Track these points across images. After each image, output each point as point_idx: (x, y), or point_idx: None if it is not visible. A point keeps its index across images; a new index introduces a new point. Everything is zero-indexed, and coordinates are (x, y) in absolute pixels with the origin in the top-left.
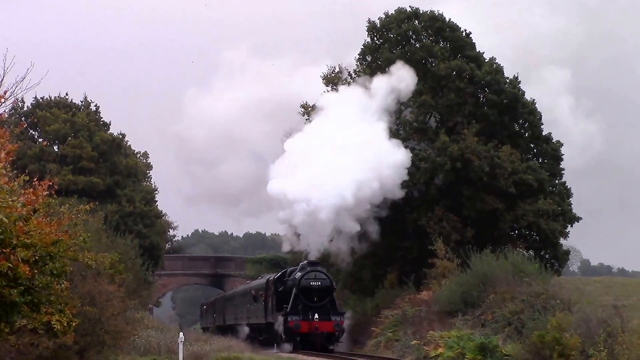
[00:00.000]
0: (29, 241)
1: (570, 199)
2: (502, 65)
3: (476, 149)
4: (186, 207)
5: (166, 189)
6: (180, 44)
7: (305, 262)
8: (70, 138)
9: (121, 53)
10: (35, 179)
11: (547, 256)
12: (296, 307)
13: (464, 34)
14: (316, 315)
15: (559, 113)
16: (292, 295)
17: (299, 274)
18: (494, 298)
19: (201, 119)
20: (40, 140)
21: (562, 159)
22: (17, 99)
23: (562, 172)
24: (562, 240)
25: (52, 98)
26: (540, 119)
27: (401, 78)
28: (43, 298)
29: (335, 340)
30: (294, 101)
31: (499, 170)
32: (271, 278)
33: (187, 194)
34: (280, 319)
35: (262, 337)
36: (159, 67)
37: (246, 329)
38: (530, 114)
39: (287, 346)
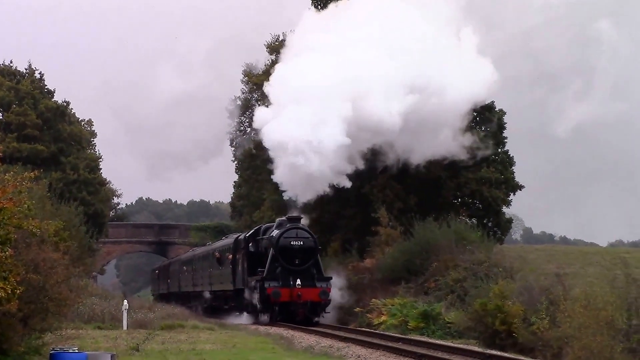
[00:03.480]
0: None
1: (513, 167)
2: None
3: None
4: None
5: (110, 156)
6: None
7: (283, 217)
8: (14, 105)
9: (68, 19)
10: None
11: (489, 224)
12: (274, 271)
13: None
14: (298, 281)
15: None
16: (269, 256)
17: (276, 232)
18: (437, 266)
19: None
20: None
21: (505, 128)
22: None
23: (505, 140)
24: (504, 209)
25: None
26: None
27: None
28: None
29: (321, 311)
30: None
31: None
32: (241, 237)
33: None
34: (255, 285)
35: (229, 305)
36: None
37: (207, 296)
38: None
39: (264, 317)
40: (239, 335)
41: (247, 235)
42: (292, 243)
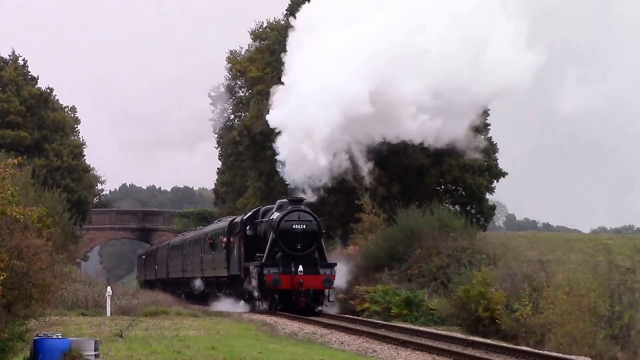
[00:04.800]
0: None
1: (497, 155)
2: None
3: None
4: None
5: (95, 142)
6: None
7: (284, 199)
8: None
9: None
10: None
11: (472, 211)
12: (274, 257)
13: None
14: (300, 268)
15: None
16: (269, 241)
17: (277, 214)
18: (420, 253)
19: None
20: None
21: (488, 114)
22: None
23: (489, 127)
24: (487, 195)
25: None
26: None
27: None
28: None
29: (324, 299)
30: None
31: None
32: (237, 219)
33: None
34: (253, 271)
35: (223, 292)
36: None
37: (199, 283)
38: None
39: (262, 306)
40: (223, 322)
41: (244, 217)
42: (294, 227)
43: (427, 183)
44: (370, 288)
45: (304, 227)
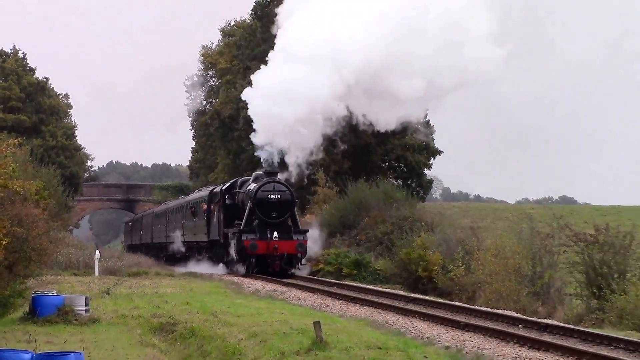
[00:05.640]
0: None
1: (433, 135)
2: None
3: None
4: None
5: (85, 123)
6: None
7: (260, 171)
8: (0, 81)
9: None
10: None
11: (413, 185)
12: (251, 224)
13: None
14: (275, 234)
15: None
16: (247, 209)
17: (253, 185)
18: (368, 221)
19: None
20: None
21: None
22: None
23: (427, 111)
24: (426, 171)
25: None
26: None
27: None
28: None
29: (297, 262)
30: None
31: None
32: (216, 189)
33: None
34: (232, 237)
35: (204, 256)
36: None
37: (181, 247)
38: None
39: (240, 269)
40: (196, 281)
41: (223, 188)
42: (269, 196)
43: (374, 160)
44: (324, 251)
45: (279, 196)
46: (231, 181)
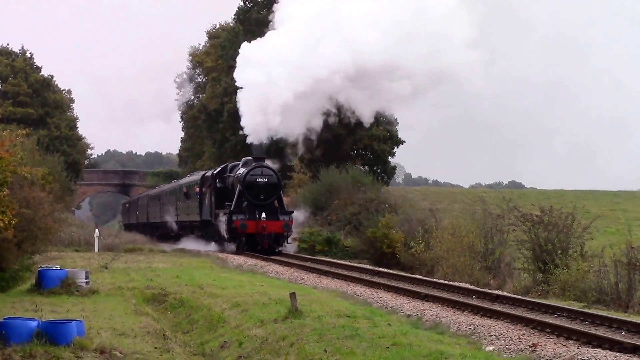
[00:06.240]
0: None
1: (397, 127)
2: None
3: None
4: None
5: (87, 116)
6: None
7: (248, 157)
8: (10, 78)
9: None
10: None
11: (378, 171)
12: (240, 205)
13: None
14: (263, 215)
15: None
16: (237, 192)
17: (242, 170)
18: (338, 203)
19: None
20: None
21: None
22: None
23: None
24: (390, 159)
25: None
26: None
27: None
28: None
29: (283, 241)
30: None
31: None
32: (208, 173)
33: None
34: (223, 217)
35: (196, 235)
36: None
37: (174, 226)
38: None
39: (231, 247)
40: (185, 257)
41: (214, 172)
42: (257, 180)
43: (344, 149)
44: (298, 230)
45: (266, 180)
46: (222, 166)
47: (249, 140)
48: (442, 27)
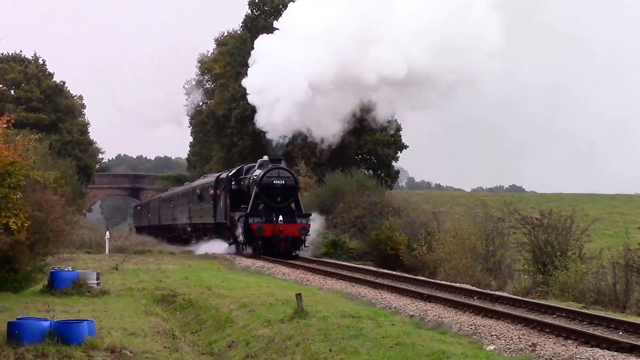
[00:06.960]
0: None
1: (400, 132)
2: None
3: None
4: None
5: (98, 121)
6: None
7: (265, 158)
8: (23, 84)
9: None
10: None
11: (382, 175)
12: (257, 208)
13: None
14: (280, 217)
15: None
16: (253, 194)
17: (259, 172)
18: (343, 206)
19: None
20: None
21: None
22: None
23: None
24: (393, 163)
25: (10, 54)
26: None
27: None
28: (2, 205)
29: (300, 244)
30: None
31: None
32: (223, 175)
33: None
34: (240, 220)
35: (210, 237)
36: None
37: (187, 229)
38: None
39: (247, 250)
40: (194, 259)
41: (229, 174)
42: (274, 182)
43: (349, 153)
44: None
45: (283, 182)
46: (237, 167)
47: (269, 136)
48: (473, 37)
